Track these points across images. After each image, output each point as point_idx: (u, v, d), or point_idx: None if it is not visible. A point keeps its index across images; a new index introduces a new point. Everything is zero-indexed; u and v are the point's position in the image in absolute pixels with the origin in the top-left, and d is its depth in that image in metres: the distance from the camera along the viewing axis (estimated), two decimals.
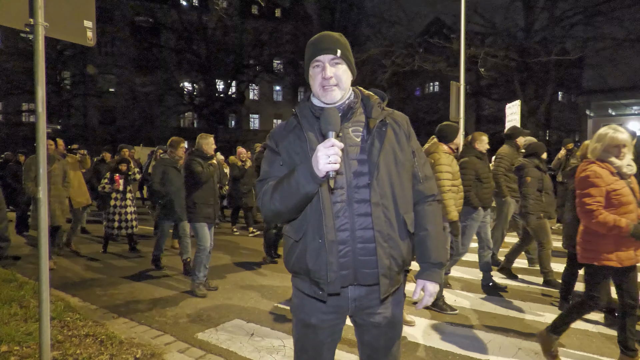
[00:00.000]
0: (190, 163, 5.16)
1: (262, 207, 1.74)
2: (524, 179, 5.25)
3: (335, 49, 1.70)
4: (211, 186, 5.27)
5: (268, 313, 4.54)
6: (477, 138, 5.34)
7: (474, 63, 15.59)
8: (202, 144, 5.31)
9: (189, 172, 5.17)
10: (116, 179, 7.19)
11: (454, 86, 11.11)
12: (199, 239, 5.17)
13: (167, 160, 6.11)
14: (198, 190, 5.14)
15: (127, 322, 4.22)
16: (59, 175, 6.58)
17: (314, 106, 1.77)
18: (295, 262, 1.73)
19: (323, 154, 1.48)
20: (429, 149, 4.54)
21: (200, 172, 5.09)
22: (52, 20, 2.75)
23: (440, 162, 4.34)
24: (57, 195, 6.46)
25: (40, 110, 2.68)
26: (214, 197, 5.26)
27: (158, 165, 6.10)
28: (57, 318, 3.98)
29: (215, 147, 5.46)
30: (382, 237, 1.65)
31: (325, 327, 1.77)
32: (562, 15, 18.53)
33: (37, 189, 2.74)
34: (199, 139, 5.35)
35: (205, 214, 5.16)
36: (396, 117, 1.80)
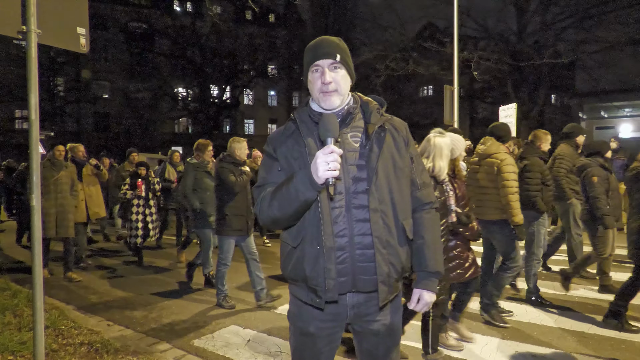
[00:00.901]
0: (222, 171, 4.69)
1: (260, 214, 1.72)
2: (588, 179, 4.81)
3: (335, 53, 1.69)
4: (244, 196, 4.84)
5: (265, 319, 4.52)
6: (540, 137, 4.87)
7: (467, 67, 15.67)
8: (234, 149, 4.84)
9: (220, 182, 4.74)
10: (139, 184, 6.83)
11: (448, 90, 11.18)
12: (221, 253, 4.88)
13: (197, 164, 5.66)
14: (230, 201, 4.71)
15: (122, 330, 4.19)
16: (67, 183, 6.15)
17: (313, 111, 1.75)
18: (293, 269, 1.71)
19: (322, 160, 1.46)
20: (488, 149, 4.32)
21: (234, 183, 4.65)
22: (45, 27, 2.75)
23: (506, 162, 4.11)
24: (65, 204, 6.06)
25: (34, 118, 2.67)
26: (247, 208, 4.83)
27: (188, 171, 5.66)
28: (51, 326, 3.94)
29: (247, 152, 5.01)
30: (381, 244, 1.63)
31: (323, 336, 1.75)
32: (553, 19, 18.69)
33: (31, 197, 2.71)
34: (231, 143, 4.87)
35: (236, 226, 4.76)
36: (395, 123, 1.79)
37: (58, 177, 6.00)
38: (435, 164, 3.15)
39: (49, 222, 5.83)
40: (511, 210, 4.07)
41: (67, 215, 6.07)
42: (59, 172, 6.04)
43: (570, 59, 17.83)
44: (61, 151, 6.15)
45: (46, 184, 5.81)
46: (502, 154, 4.20)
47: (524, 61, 17.46)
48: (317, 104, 1.75)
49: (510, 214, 4.09)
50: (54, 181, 5.94)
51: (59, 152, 6.13)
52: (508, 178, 4.08)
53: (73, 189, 6.28)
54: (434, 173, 3.13)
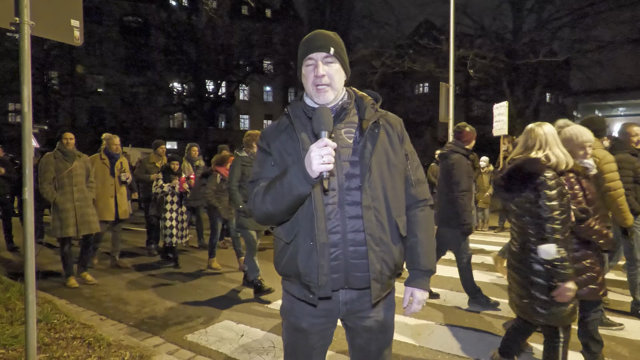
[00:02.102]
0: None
1: (253, 209, 1.71)
2: None
3: (329, 46, 1.67)
4: None
5: (258, 314, 4.53)
6: (631, 131, 4.39)
7: (463, 64, 15.72)
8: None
9: None
10: (181, 180, 6.44)
11: (444, 87, 11.18)
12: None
13: (245, 158, 5.24)
14: None
15: (115, 324, 4.18)
16: (82, 174, 5.59)
17: (307, 106, 1.74)
18: (286, 265, 1.70)
19: (316, 154, 1.45)
20: None
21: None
22: (38, 19, 2.72)
23: (606, 160, 3.65)
24: (82, 198, 5.51)
25: (26, 110, 2.65)
26: None
27: (236, 165, 5.22)
28: (43, 320, 3.93)
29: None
30: (374, 241, 1.63)
31: (315, 332, 1.75)
32: (549, 17, 18.79)
33: (24, 190, 2.69)
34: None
35: None
36: (389, 119, 1.78)
37: (72, 168, 5.46)
38: (552, 153, 2.64)
39: (67, 219, 5.34)
40: (622, 214, 3.69)
41: (86, 209, 5.53)
42: (72, 163, 5.50)
43: (565, 58, 17.92)
44: (69, 139, 5.58)
45: (59, 177, 5.38)
46: (600, 150, 3.71)
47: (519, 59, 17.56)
48: (310, 99, 1.74)
49: (621, 219, 3.74)
50: (67, 173, 5.42)
51: (67, 140, 5.57)
52: (612, 179, 3.63)
53: (89, 180, 5.75)
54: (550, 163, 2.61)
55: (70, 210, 5.37)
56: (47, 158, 5.45)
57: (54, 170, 5.37)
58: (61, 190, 5.38)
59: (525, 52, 17.88)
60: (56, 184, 5.38)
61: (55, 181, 5.38)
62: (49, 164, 5.39)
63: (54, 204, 5.34)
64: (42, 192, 5.34)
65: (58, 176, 5.37)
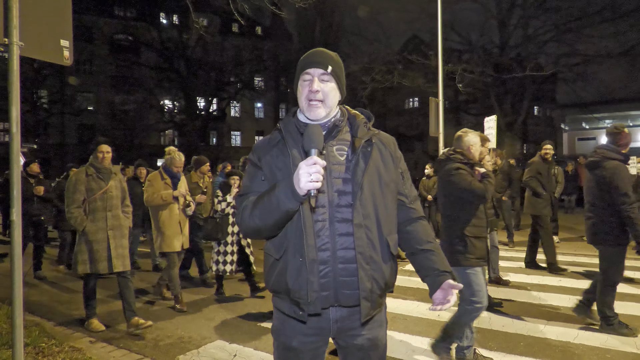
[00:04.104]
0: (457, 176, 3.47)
1: (241, 223, 1.71)
2: None
3: (327, 64, 1.68)
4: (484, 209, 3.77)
5: (251, 333, 4.47)
6: None
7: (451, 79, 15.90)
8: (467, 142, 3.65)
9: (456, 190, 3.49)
10: None
11: (433, 102, 11.31)
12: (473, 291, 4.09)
13: None
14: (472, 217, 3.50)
15: (105, 347, 4.10)
16: (117, 196, 4.63)
17: (300, 122, 1.74)
18: (276, 281, 1.69)
19: (305, 171, 1.44)
20: None
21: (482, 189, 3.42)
22: (27, 40, 2.72)
23: None
24: (117, 226, 4.55)
25: (15, 131, 2.63)
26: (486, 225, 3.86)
27: None
28: (31, 344, 3.85)
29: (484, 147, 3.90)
30: (364, 259, 1.62)
31: (306, 350, 1.72)
32: (534, 32, 19.16)
33: (12, 211, 2.65)
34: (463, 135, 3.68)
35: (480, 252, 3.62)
36: (382, 138, 1.79)
37: (107, 188, 4.52)
38: None
39: (98, 251, 4.37)
40: None
41: (121, 240, 4.56)
42: (108, 182, 4.55)
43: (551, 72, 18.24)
44: (105, 152, 4.59)
45: (91, 200, 4.44)
46: None
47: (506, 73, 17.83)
48: (303, 114, 1.74)
49: None
50: (101, 195, 4.46)
51: (103, 155, 4.58)
52: None
53: (124, 204, 4.79)
54: None
55: (102, 242, 4.41)
56: (78, 175, 4.49)
57: (85, 191, 4.45)
58: (92, 216, 4.44)
59: (512, 66, 18.18)
60: (86, 207, 4.45)
61: (86, 204, 4.46)
62: (79, 182, 4.43)
63: (83, 233, 4.40)
64: (69, 217, 4.43)
65: (89, 198, 4.45)
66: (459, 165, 3.50)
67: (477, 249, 3.45)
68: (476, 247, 3.44)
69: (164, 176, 5.38)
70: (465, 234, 3.44)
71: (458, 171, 3.47)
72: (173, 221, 5.29)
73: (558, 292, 5.67)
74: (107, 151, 4.60)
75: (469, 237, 3.44)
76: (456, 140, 3.71)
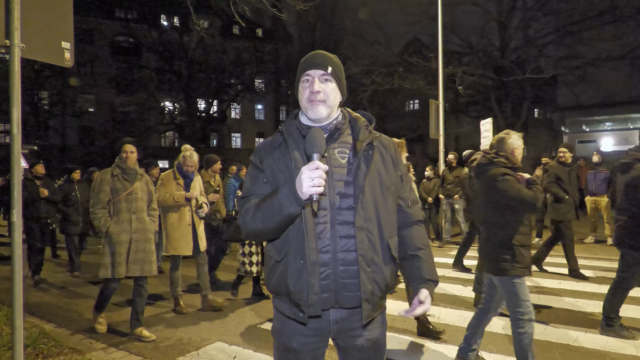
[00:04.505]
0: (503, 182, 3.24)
1: (243, 226, 1.72)
2: None
3: (327, 65, 1.70)
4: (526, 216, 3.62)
5: (250, 335, 4.47)
6: None
7: (452, 81, 15.93)
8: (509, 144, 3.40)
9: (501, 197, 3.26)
10: None
11: (433, 104, 11.33)
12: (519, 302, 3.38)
13: None
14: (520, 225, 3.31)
15: (104, 348, 4.10)
16: (143, 199, 4.46)
17: (301, 124, 1.75)
18: (276, 283, 1.70)
19: (307, 176, 1.46)
20: None
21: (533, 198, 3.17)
22: (28, 42, 2.73)
23: None
24: (142, 229, 4.39)
25: (16, 132, 2.63)
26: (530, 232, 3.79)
27: None
28: (31, 345, 3.85)
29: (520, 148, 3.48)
30: (366, 262, 1.63)
31: (306, 351, 1.73)
32: (535, 35, 19.21)
33: (12, 212, 2.66)
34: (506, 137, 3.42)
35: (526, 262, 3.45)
36: (383, 141, 1.80)
37: (132, 189, 4.38)
38: None
39: (119, 254, 4.23)
40: None
41: (145, 244, 4.38)
42: (134, 183, 4.41)
43: (551, 74, 18.27)
44: (129, 152, 4.42)
45: (116, 201, 4.31)
46: None
47: (507, 76, 17.85)
48: (305, 115, 1.75)
49: None
50: (126, 196, 4.34)
51: (127, 154, 4.43)
52: None
53: (150, 207, 4.63)
54: None
55: (124, 244, 4.27)
56: (103, 176, 4.37)
57: (110, 192, 4.34)
58: (116, 217, 4.32)
59: (512, 69, 18.22)
60: (111, 209, 4.35)
61: (110, 205, 4.35)
62: (104, 183, 4.32)
63: (106, 235, 4.27)
64: (93, 218, 4.30)
65: (114, 199, 4.32)
66: (505, 171, 3.27)
67: (524, 258, 3.26)
68: (523, 256, 3.25)
69: (176, 176, 5.27)
70: (513, 243, 3.24)
71: (505, 177, 3.23)
72: (182, 223, 5.17)
73: (558, 295, 5.67)
74: (131, 151, 4.44)
75: (516, 246, 3.24)
76: (498, 143, 3.46)
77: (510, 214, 3.29)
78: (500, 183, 3.24)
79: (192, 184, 5.29)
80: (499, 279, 3.30)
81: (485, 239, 3.44)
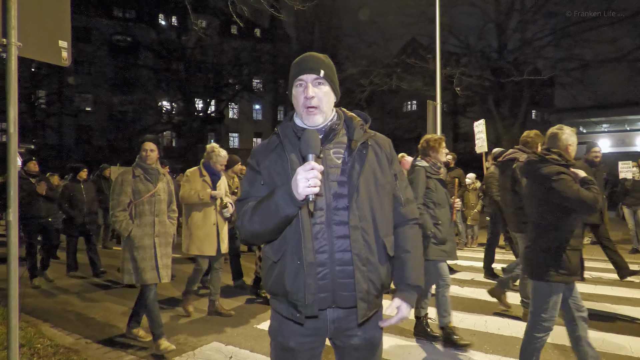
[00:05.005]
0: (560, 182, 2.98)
1: (241, 228, 1.72)
2: None
3: (319, 69, 1.70)
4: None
5: (247, 335, 4.46)
6: None
7: (450, 82, 15.96)
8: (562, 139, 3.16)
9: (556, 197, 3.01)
10: None
11: (431, 105, 11.34)
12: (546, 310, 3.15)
13: (429, 169, 4.18)
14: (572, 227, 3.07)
15: (100, 348, 4.09)
16: (164, 200, 4.21)
17: (297, 126, 1.76)
18: (274, 283, 1.71)
19: (302, 177, 1.47)
20: None
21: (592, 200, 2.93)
22: (26, 40, 2.72)
23: None
24: (164, 233, 4.14)
25: (12, 131, 2.63)
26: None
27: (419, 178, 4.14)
28: (26, 345, 3.83)
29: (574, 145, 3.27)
30: (361, 261, 1.64)
31: (303, 351, 1.74)
32: (532, 37, 19.25)
33: (8, 211, 2.65)
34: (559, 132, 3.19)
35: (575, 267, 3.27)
36: (378, 140, 1.80)
37: (156, 190, 4.12)
38: None
39: (143, 260, 3.96)
40: None
41: (167, 249, 4.17)
42: (156, 184, 4.15)
43: (549, 76, 18.31)
44: (149, 150, 4.13)
45: (138, 203, 4.04)
46: None
47: (504, 77, 17.88)
48: (300, 120, 1.76)
49: None
50: (148, 198, 4.06)
51: (147, 153, 4.13)
52: None
53: (170, 209, 4.35)
54: None
55: (148, 249, 4.02)
56: (124, 176, 4.11)
57: (132, 193, 4.08)
58: (138, 220, 4.03)
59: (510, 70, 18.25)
60: (132, 211, 4.07)
61: (132, 207, 4.08)
62: (125, 183, 4.05)
63: (128, 239, 4.00)
64: (114, 222, 4.03)
65: (136, 201, 4.06)
66: (560, 169, 3.00)
67: (572, 264, 3.02)
68: (571, 262, 3.01)
69: (203, 173, 5.06)
70: (563, 246, 3.01)
71: (560, 176, 2.97)
72: (208, 223, 4.98)
73: None
74: (151, 149, 4.12)
75: (567, 250, 3.00)
76: (551, 139, 3.20)
77: (564, 216, 3.03)
78: (555, 183, 2.97)
79: (218, 183, 5.12)
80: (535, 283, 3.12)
81: (533, 241, 3.16)
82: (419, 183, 4.08)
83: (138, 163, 4.16)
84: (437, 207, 4.07)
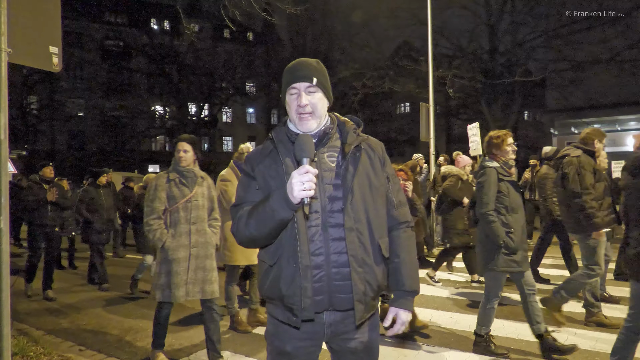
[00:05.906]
0: None
1: (237, 233, 1.73)
2: None
3: (311, 76, 1.71)
4: None
5: (243, 340, 4.44)
6: None
7: (442, 84, 16.03)
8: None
9: None
10: None
11: (424, 107, 11.39)
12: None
13: (500, 169, 3.80)
14: None
15: (94, 355, 4.06)
16: (203, 206, 3.73)
17: (290, 131, 1.77)
18: (269, 288, 1.71)
19: (297, 180, 1.48)
20: None
21: None
22: (16, 46, 2.71)
23: None
24: (203, 243, 3.67)
25: (3, 138, 2.61)
26: None
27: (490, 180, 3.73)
28: (19, 353, 3.79)
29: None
30: (357, 262, 1.64)
31: (300, 355, 1.74)
32: (523, 38, 19.37)
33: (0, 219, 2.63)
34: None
35: None
36: (371, 143, 1.83)
37: (192, 195, 3.65)
38: None
39: (176, 274, 3.52)
40: None
41: (206, 262, 3.66)
42: (193, 189, 3.68)
43: (540, 77, 18.44)
44: (182, 151, 3.66)
45: (173, 210, 3.60)
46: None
47: (496, 79, 18.00)
48: (294, 125, 1.77)
49: None
50: (184, 204, 3.61)
51: (181, 154, 3.66)
52: None
53: (212, 216, 3.88)
54: None
55: (183, 262, 3.56)
56: (159, 181, 3.67)
57: (166, 199, 3.64)
58: (173, 230, 3.60)
59: (502, 72, 18.37)
60: (166, 218, 3.64)
61: (167, 215, 3.64)
62: (159, 189, 3.62)
63: (162, 250, 3.57)
64: (147, 231, 3.61)
65: (171, 207, 3.62)
66: None
67: None
68: None
69: (238, 174, 4.51)
70: None
71: None
72: None
73: None
74: (185, 149, 3.65)
75: None
76: None
77: None
78: None
79: None
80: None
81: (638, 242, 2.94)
82: (490, 186, 3.70)
83: (173, 166, 3.73)
84: (510, 213, 3.70)
